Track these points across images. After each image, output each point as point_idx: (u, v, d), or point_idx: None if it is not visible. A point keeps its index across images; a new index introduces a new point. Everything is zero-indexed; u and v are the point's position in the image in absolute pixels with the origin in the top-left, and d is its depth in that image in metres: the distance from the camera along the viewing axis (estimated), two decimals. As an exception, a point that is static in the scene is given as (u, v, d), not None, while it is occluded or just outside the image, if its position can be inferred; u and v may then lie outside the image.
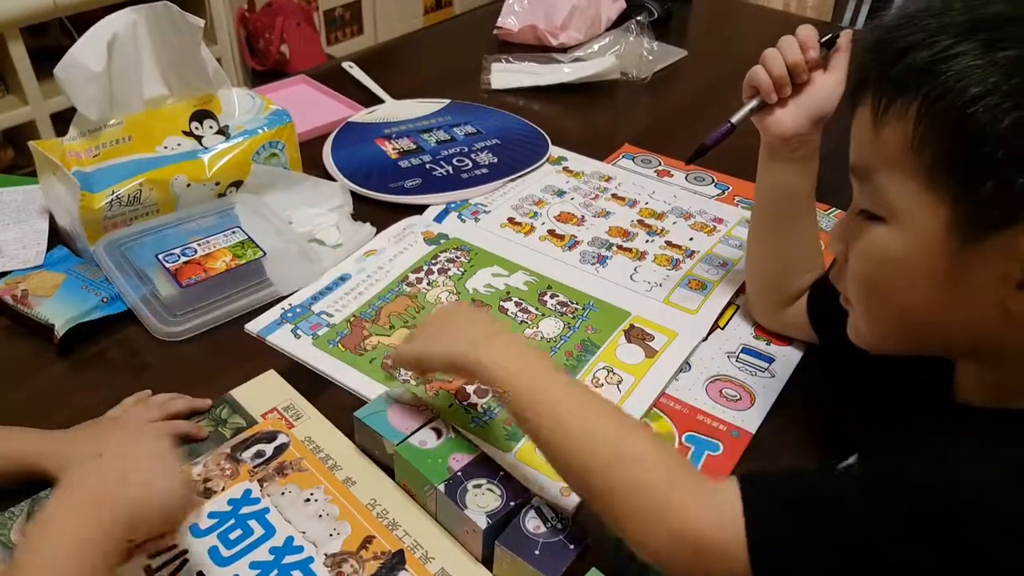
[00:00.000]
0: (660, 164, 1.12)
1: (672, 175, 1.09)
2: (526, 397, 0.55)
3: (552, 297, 0.85)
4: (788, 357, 0.79)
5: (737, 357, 0.79)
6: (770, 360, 0.78)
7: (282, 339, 0.79)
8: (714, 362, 0.78)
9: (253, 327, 0.80)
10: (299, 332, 0.79)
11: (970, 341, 0.50)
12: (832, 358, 0.76)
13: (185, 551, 0.56)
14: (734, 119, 0.73)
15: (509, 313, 0.83)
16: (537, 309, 0.84)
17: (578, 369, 0.76)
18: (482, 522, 0.57)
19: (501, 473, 0.60)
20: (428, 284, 0.87)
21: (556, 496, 0.64)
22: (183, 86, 0.89)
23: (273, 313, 0.82)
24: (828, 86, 0.70)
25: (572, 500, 0.64)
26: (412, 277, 0.88)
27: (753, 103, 0.72)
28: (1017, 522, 0.41)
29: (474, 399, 0.73)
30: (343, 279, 0.87)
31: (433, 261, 0.90)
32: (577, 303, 0.85)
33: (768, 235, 0.77)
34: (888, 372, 0.64)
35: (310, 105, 1.20)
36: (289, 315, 0.82)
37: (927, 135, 0.44)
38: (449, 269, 0.89)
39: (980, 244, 0.44)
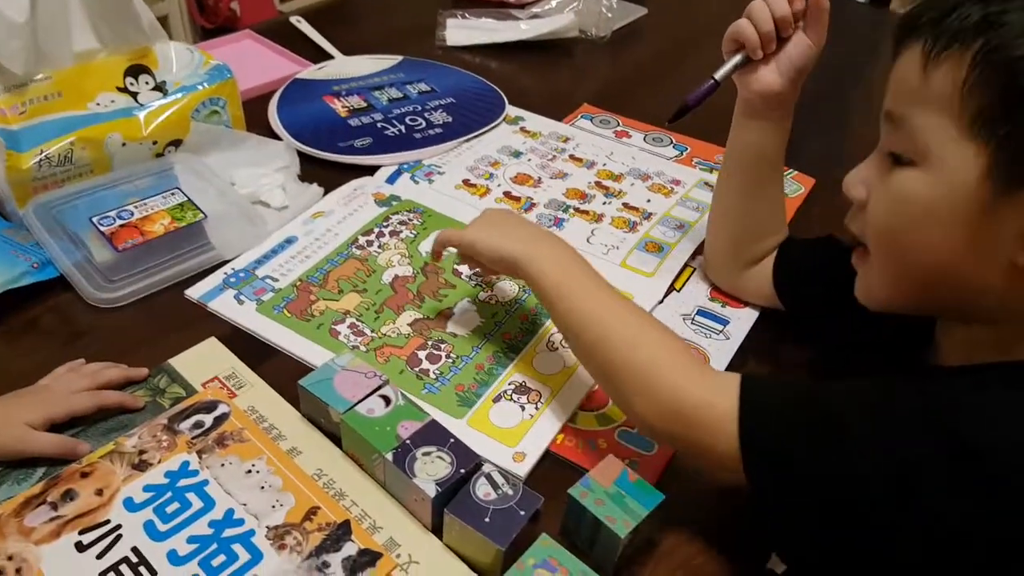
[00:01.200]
0: (619, 125, 1.10)
1: (631, 136, 1.07)
2: (565, 293, 0.62)
3: (508, 260, 0.84)
4: (743, 319, 0.78)
5: (692, 319, 0.78)
6: (725, 322, 0.78)
7: (224, 305, 0.76)
8: (669, 324, 0.76)
9: (194, 293, 0.76)
10: (242, 297, 0.76)
11: (975, 297, 0.50)
12: (787, 320, 0.76)
13: (118, 526, 0.54)
14: (717, 75, 0.70)
15: (463, 276, 0.81)
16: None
17: (534, 332, 0.75)
18: (431, 490, 0.55)
19: (452, 440, 0.59)
20: (379, 247, 0.84)
21: (508, 462, 0.63)
22: (116, 39, 0.84)
23: (215, 278, 0.78)
24: (807, 42, 0.68)
25: (524, 466, 0.63)
26: (362, 240, 0.85)
27: (737, 58, 0.69)
28: None
29: (426, 365, 0.71)
30: (289, 242, 0.83)
31: (384, 223, 0.87)
32: None
33: (737, 195, 0.75)
34: (860, 338, 0.63)
35: (256, 61, 1.15)
36: (232, 280, 0.78)
37: (978, 84, 0.45)
38: (401, 232, 0.86)
39: (1009, 198, 0.45)
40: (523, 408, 0.68)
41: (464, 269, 0.82)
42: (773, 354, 0.75)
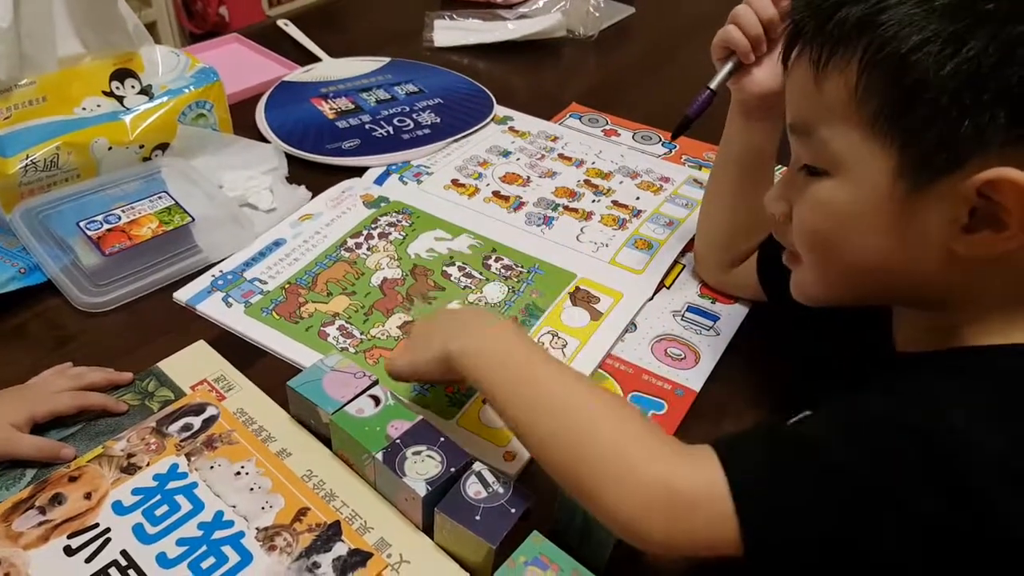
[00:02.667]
0: (607, 123, 1.10)
1: (619, 134, 1.08)
2: (499, 385, 0.53)
3: (497, 260, 0.83)
4: (733, 315, 0.78)
5: (682, 316, 0.78)
6: (715, 318, 0.78)
7: (212, 308, 0.75)
8: (660, 321, 0.77)
9: (182, 296, 0.76)
10: (230, 300, 0.76)
11: (917, 287, 0.49)
12: (777, 315, 0.76)
13: (107, 529, 0.54)
14: (713, 85, 0.70)
15: (452, 279, 0.81)
16: (481, 274, 0.82)
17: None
18: (421, 489, 0.55)
19: (442, 439, 0.59)
20: (368, 249, 0.84)
21: (499, 462, 0.63)
22: (101, 43, 0.84)
23: (203, 281, 0.78)
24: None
25: (515, 465, 0.63)
26: (351, 242, 0.85)
27: (729, 65, 0.69)
28: (1017, 468, 0.41)
29: (415, 365, 0.71)
30: (277, 244, 0.83)
31: (373, 225, 0.87)
32: (522, 266, 0.83)
33: (732, 194, 0.75)
34: (829, 326, 0.63)
35: (243, 65, 1.15)
36: (220, 282, 0.78)
37: (870, 86, 0.44)
38: (390, 233, 0.86)
39: (927, 190, 0.44)
40: None
41: (453, 271, 0.82)
42: (762, 349, 0.75)
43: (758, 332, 0.77)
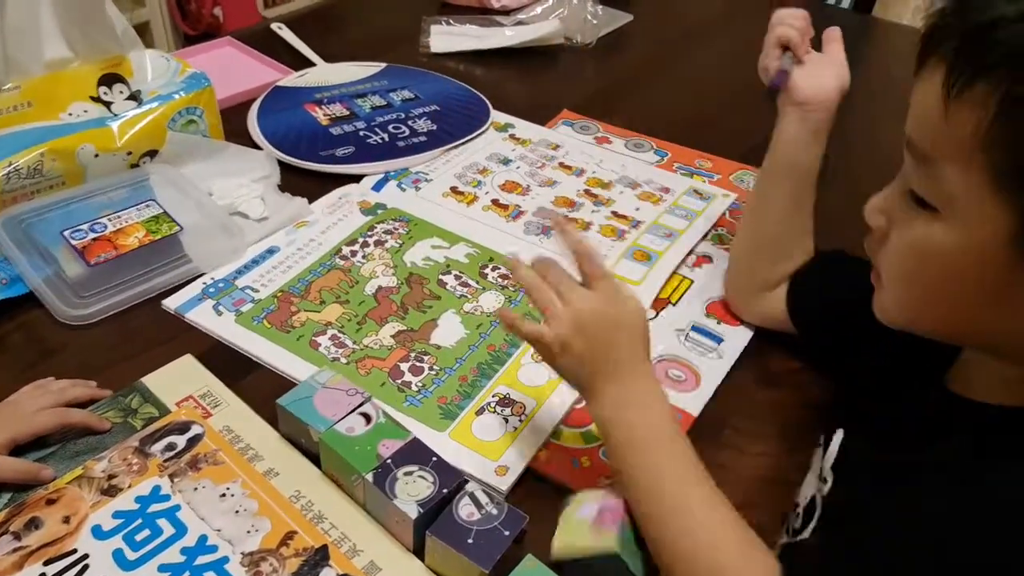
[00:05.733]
0: (599, 131, 1.08)
1: (611, 142, 1.06)
2: (616, 450, 0.54)
3: (494, 269, 0.82)
4: (738, 338, 0.76)
5: (687, 336, 0.76)
6: (719, 340, 0.76)
7: (202, 316, 0.74)
8: (663, 341, 0.75)
9: (171, 303, 0.75)
10: (221, 308, 0.74)
11: (1006, 342, 0.46)
12: (783, 342, 0.74)
13: (86, 556, 0.52)
14: (784, 65, 0.70)
15: (448, 287, 0.79)
16: (477, 283, 0.80)
17: (518, 344, 0.73)
18: (412, 512, 0.53)
19: (434, 459, 0.57)
20: (363, 257, 0.82)
21: (491, 476, 0.61)
22: (89, 47, 0.82)
23: (193, 288, 0.77)
24: (836, 62, 0.69)
25: (507, 480, 0.61)
26: (346, 250, 0.83)
27: (788, 55, 0.70)
28: None
29: (408, 377, 0.69)
30: (271, 252, 0.82)
31: (369, 233, 0.85)
32: None
33: (781, 210, 0.72)
34: (869, 361, 0.60)
35: (235, 69, 1.13)
36: (211, 290, 0.76)
37: (1008, 131, 0.38)
38: (386, 241, 0.85)
39: None
40: (507, 420, 0.66)
41: (450, 280, 0.80)
42: (766, 376, 0.73)
43: (762, 357, 0.75)
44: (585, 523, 0.52)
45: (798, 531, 0.59)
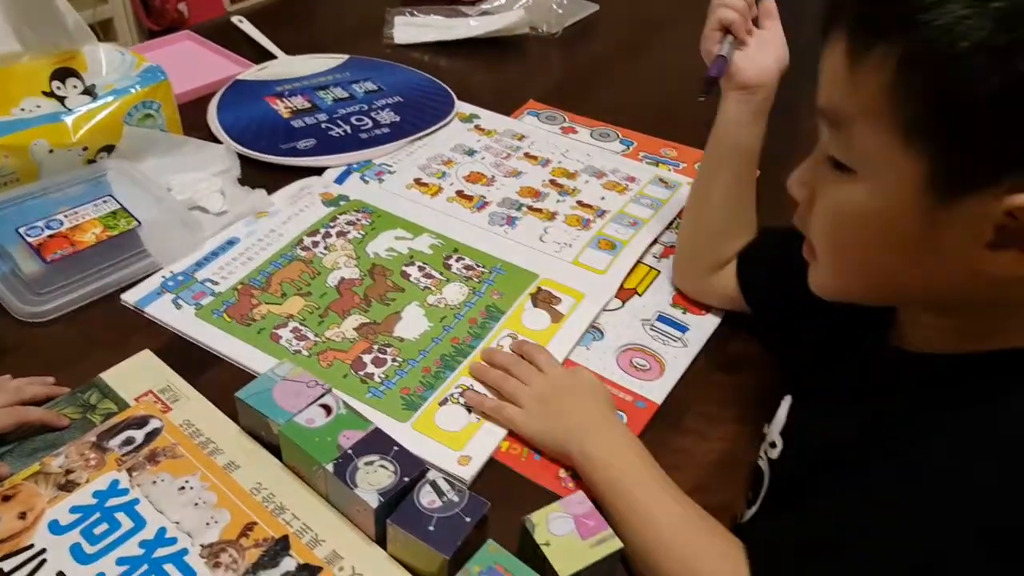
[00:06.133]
0: (565, 120, 1.08)
1: (577, 131, 1.06)
2: (615, 496, 0.57)
3: (458, 260, 0.82)
4: (703, 327, 0.76)
5: (651, 325, 0.77)
6: (684, 329, 0.76)
7: (161, 310, 0.73)
8: (628, 330, 0.76)
9: (130, 297, 0.74)
10: (180, 302, 0.74)
11: (935, 294, 0.48)
12: (747, 329, 0.75)
13: (43, 550, 0.51)
14: (723, 51, 0.69)
15: (412, 279, 0.79)
16: (441, 274, 0.80)
17: (482, 336, 0.73)
18: (373, 501, 0.53)
19: (396, 448, 0.57)
20: (325, 248, 0.82)
21: (454, 466, 0.61)
22: (40, 41, 0.81)
23: (152, 282, 0.76)
24: (776, 41, 0.69)
25: (470, 470, 0.61)
26: (307, 240, 0.82)
27: (729, 39, 0.70)
28: None
29: (371, 369, 0.69)
30: (231, 243, 0.81)
31: (331, 224, 0.85)
32: (483, 266, 0.81)
33: (723, 192, 0.73)
34: (817, 332, 0.62)
35: (195, 63, 1.12)
36: (170, 284, 0.76)
37: (908, 88, 0.41)
38: (348, 232, 0.84)
39: (955, 204, 0.42)
40: (469, 411, 0.66)
41: (413, 271, 0.80)
42: (730, 364, 0.74)
43: (727, 345, 0.75)
44: (574, 540, 0.52)
45: (751, 501, 0.61)
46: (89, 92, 0.83)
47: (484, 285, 0.79)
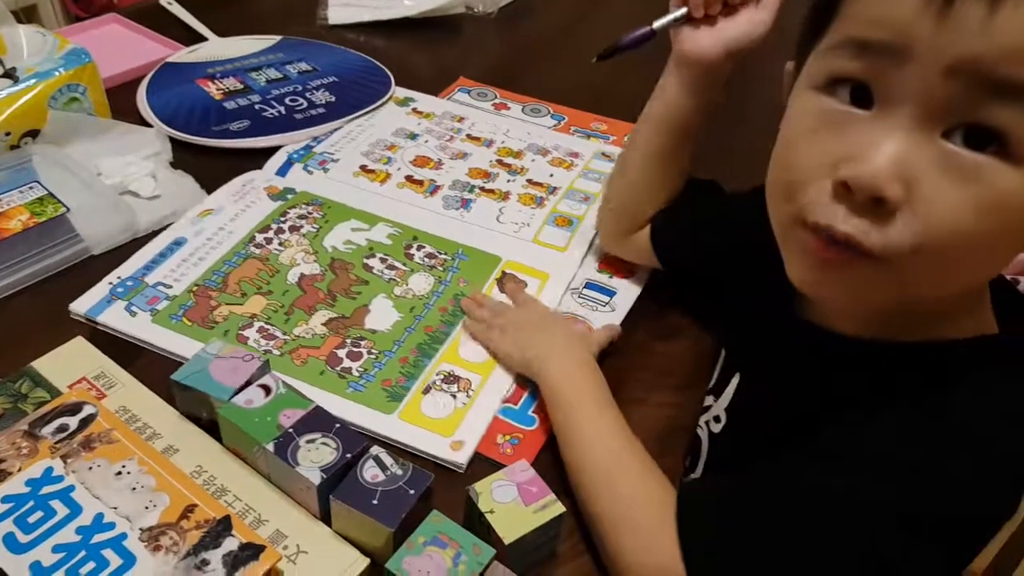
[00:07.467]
0: (496, 97, 1.09)
1: (509, 108, 1.07)
2: (563, 420, 0.61)
3: (419, 249, 0.81)
4: (630, 291, 0.78)
5: (580, 293, 0.78)
6: (612, 294, 0.78)
7: (114, 318, 0.70)
8: (558, 299, 0.77)
9: (79, 308, 0.70)
10: (134, 308, 0.71)
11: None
12: (672, 291, 0.77)
13: (-27, 542, 0.50)
14: (656, 24, 0.66)
15: (375, 271, 0.77)
16: (405, 264, 0.78)
17: (455, 323, 0.73)
18: (315, 478, 0.54)
19: (337, 425, 0.57)
20: (280, 244, 0.79)
21: (447, 452, 0.62)
22: (-46, 24, 0.78)
23: (100, 290, 0.72)
24: (754, 21, 0.63)
25: (463, 454, 0.62)
26: (260, 237, 0.80)
27: (679, 12, 0.65)
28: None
29: (347, 364, 0.68)
30: (178, 244, 0.78)
31: (282, 219, 0.82)
32: (446, 253, 0.80)
33: (650, 160, 0.71)
34: (733, 294, 0.64)
35: (123, 46, 1.09)
36: (119, 290, 0.72)
37: None
38: (301, 226, 0.82)
39: None
40: (455, 396, 0.66)
41: (375, 263, 0.78)
42: (656, 326, 0.76)
43: (652, 307, 0.77)
44: (517, 507, 0.53)
45: (689, 469, 0.62)
46: (9, 75, 0.80)
47: (449, 273, 0.78)
